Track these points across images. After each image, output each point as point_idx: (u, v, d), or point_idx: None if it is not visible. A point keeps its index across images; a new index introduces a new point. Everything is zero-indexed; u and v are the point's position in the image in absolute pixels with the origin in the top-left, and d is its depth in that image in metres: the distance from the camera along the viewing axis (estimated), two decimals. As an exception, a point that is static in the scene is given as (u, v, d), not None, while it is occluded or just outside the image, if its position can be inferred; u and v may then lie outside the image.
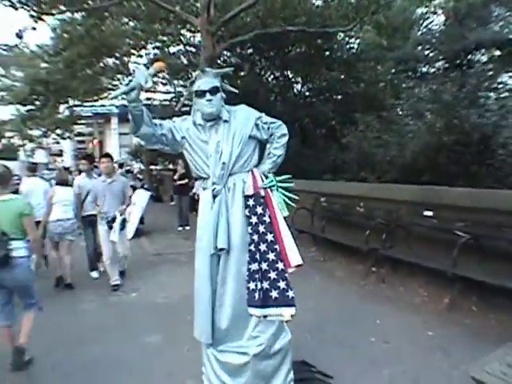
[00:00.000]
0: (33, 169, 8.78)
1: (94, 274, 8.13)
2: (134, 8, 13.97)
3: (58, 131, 33.41)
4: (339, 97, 16.18)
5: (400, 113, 10.88)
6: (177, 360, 4.62)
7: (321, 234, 8.86)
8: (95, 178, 8.25)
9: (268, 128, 3.53)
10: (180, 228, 12.63)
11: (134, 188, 14.56)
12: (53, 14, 13.21)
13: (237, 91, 3.73)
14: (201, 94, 3.40)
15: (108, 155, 7.84)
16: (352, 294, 6.66)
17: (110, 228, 7.21)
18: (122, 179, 7.89)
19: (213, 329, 3.38)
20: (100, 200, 7.35)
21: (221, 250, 3.29)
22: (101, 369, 4.54)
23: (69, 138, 37.19)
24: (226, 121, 3.46)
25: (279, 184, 3.47)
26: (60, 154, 51.02)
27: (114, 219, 7.22)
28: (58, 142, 46.02)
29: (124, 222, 7.44)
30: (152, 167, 25.64)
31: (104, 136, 47.07)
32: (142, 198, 12.59)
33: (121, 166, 20.78)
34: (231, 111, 3.53)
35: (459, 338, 4.87)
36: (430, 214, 6.69)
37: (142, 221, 12.48)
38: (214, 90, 3.40)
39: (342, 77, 15.33)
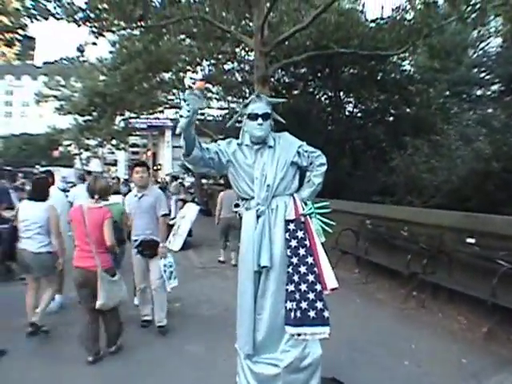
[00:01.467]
0: (81, 177, 10.44)
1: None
2: (191, 26, 14.43)
3: (114, 142, 34.71)
4: (390, 119, 16.17)
5: (452, 137, 10.83)
6: (213, 369, 4.90)
7: (364, 256, 8.98)
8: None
9: (308, 156, 3.77)
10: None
11: (185, 201, 15.00)
12: (113, 32, 13.84)
13: (284, 121, 3.98)
14: (253, 117, 3.68)
15: (143, 164, 6.56)
16: (391, 317, 6.76)
17: (141, 254, 6.11)
18: (155, 192, 6.29)
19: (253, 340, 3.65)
20: (133, 219, 6.24)
21: (263, 267, 3.55)
22: (141, 371, 4.91)
23: (123, 148, 38.49)
24: (270, 146, 3.73)
25: (317, 211, 3.71)
26: (114, 163, 52.50)
27: (141, 244, 6.07)
28: (112, 152, 47.59)
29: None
30: (203, 181, 26.06)
31: (158, 148, 48.22)
32: (191, 211, 12.98)
33: (175, 178, 21.34)
34: (276, 138, 3.80)
35: (493, 368, 4.92)
36: (472, 241, 6.72)
37: (190, 233, 12.82)
38: (265, 116, 3.69)
39: (394, 98, 15.32)
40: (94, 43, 13.26)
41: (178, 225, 12.69)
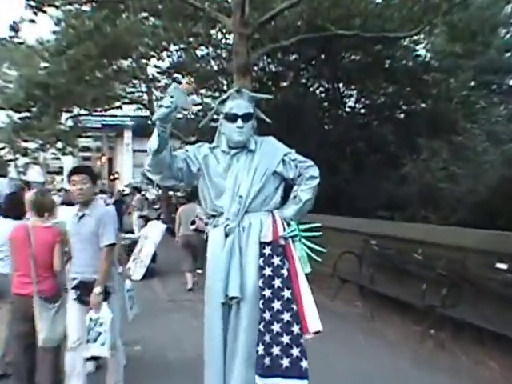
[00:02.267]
0: None
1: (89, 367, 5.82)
2: (155, 2, 14.39)
3: (59, 145, 34.28)
4: (401, 116, 16.22)
5: (478, 137, 10.88)
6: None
7: (369, 285, 8.96)
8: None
9: (296, 166, 3.67)
10: (199, 271, 12.66)
11: (148, 219, 14.91)
12: (56, 7, 13.70)
13: (270, 121, 3.89)
14: (232, 117, 3.59)
15: (82, 170, 5.32)
16: (403, 361, 6.71)
17: (80, 301, 5.04)
18: (99, 211, 5.14)
19: None
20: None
21: (232, 298, 3.42)
22: None
23: (71, 153, 38.07)
24: (250, 150, 3.65)
25: (303, 234, 3.60)
26: (60, 172, 52.01)
27: (81, 285, 5.03)
28: (57, 158, 47.03)
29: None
30: (171, 193, 25.83)
31: (115, 152, 47.93)
32: (156, 231, 12.84)
33: (138, 190, 21.11)
34: (258, 141, 3.71)
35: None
36: (503, 266, 6.73)
37: (154, 259, 12.70)
38: (246, 117, 3.60)
39: (406, 91, 15.36)
40: (33, 20, 13.15)
41: (140, 247, 12.59)
